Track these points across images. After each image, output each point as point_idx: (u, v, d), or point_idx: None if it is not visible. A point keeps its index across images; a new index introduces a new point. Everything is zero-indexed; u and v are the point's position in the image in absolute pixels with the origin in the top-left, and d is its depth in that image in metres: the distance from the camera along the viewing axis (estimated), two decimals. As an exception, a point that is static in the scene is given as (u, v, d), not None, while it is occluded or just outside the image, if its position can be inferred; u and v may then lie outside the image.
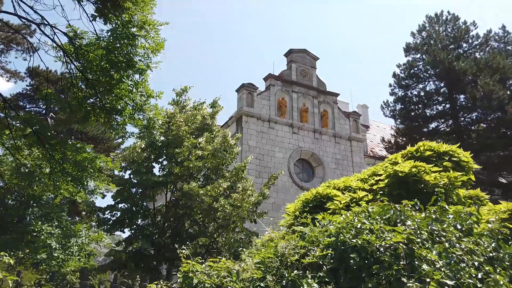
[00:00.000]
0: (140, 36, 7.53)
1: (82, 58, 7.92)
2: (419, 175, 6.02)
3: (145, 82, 8.11)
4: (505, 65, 24.56)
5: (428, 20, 29.32)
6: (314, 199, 6.96)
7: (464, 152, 6.74)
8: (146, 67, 7.82)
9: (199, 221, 11.10)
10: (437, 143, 7.43)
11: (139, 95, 8.21)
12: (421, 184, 5.95)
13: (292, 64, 23.01)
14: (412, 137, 27.48)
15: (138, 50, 7.66)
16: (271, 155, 20.59)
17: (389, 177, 6.36)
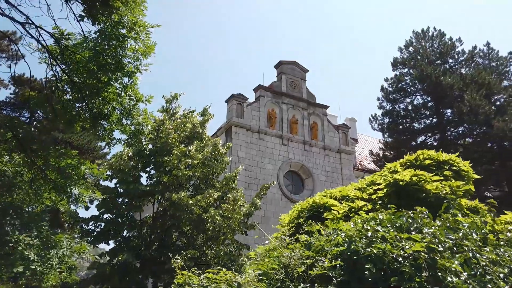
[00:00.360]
0: (130, 38, 7.23)
1: (69, 59, 7.57)
2: (420, 184, 5.83)
3: (134, 86, 7.79)
4: (490, 80, 25.02)
5: (415, 36, 29.83)
6: (310, 208, 6.69)
7: (463, 161, 6.61)
8: (136, 69, 7.51)
9: (187, 233, 10.67)
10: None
11: (128, 99, 7.87)
12: (422, 194, 5.76)
13: (282, 76, 22.97)
14: (400, 151, 27.64)
15: (128, 52, 7.36)
16: (260, 166, 20.31)
17: (389, 186, 6.15)
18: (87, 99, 7.92)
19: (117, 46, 7.18)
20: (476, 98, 23.63)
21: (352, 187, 7.06)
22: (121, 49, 7.21)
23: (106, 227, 10.88)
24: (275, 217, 19.71)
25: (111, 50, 7.19)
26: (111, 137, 8.48)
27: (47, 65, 8.12)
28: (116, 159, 10.89)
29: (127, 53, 7.33)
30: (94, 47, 7.23)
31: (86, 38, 7.21)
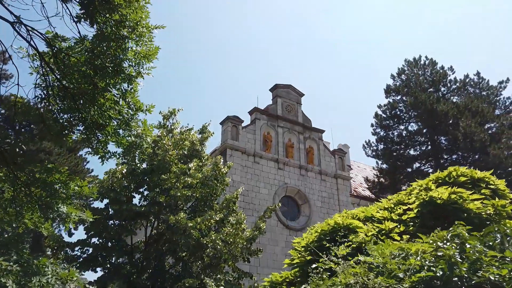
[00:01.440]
0: (131, 39, 6.61)
1: (62, 63, 6.88)
2: (459, 202, 5.21)
3: (134, 92, 7.11)
4: (483, 108, 25.15)
5: (407, 64, 30.17)
6: (332, 231, 5.98)
7: (499, 180, 6.06)
8: (137, 73, 6.85)
9: (184, 259, 9.73)
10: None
11: (126, 107, 7.17)
12: (463, 213, 5.13)
13: (278, 99, 22.63)
14: (396, 177, 27.31)
15: (128, 55, 6.73)
16: (256, 191, 19.53)
17: (422, 205, 5.51)
18: (80, 107, 7.20)
19: (117, 48, 6.56)
20: (472, 125, 23.62)
21: (376, 207, 6.41)
22: (121, 51, 6.59)
23: (94, 253, 9.86)
24: (270, 244, 18.76)
25: (110, 52, 6.54)
26: (105, 150, 7.71)
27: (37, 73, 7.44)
28: (108, 177, 10.03)
29: (128, 56, 6.71)
30: (91, 49, 6.60)
31: (83, 39, 6.58)
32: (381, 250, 3.22)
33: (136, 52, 6.71)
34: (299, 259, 6.04)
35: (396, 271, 2.64)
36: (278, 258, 18.66)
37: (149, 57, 6.74)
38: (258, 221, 10.04)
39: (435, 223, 5.33)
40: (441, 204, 5.24)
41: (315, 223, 20.97)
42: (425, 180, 6.05)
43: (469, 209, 5.09)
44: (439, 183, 5.99)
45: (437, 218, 5.23)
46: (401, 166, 27.22)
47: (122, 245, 10.18)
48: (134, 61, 6.77)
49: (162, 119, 11.56)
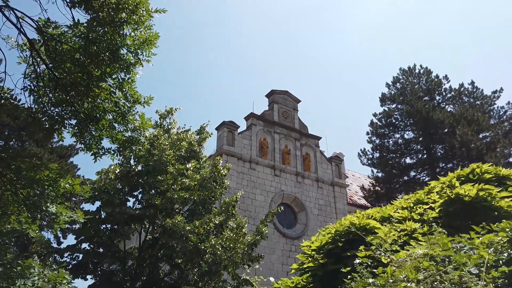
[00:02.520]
0: (129, 23, 6.13)
1: (53, 51, 6.37)
2: (489, 200, 4.80)
3: (132, 83, 6.62)
4: (479, 117, 25.13)
5: (402, 73, 30.17)
6: (348, 232, 5.51)
7: (525, 177, 5.70)
8: (136, 60, 6.36)
9: (181, 266, 9.14)
10: (414, 192, 6.49)
11: (123, 98, 6.67)
12: (493, 212, 4.72)
13: (274, 105, 22.28)
14: (391, 186, 27.05)
15: (127, 41, 6.26)
16: (252, 197, 18.99)
17: (447, 203, 5.09)
18: (73, 100, 6.68)
19: (114, 33, 6.09)
20: (468, 133, 23.53)
21: (392, 207, 5.97)
22: (118, 37, 6.12)
23: (85, 259, 9.22)
24: (267, 252, 18.15)
25: (106, 37, 6.06)
26: (99, 146, 7.18)
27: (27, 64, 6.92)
28: (100, 177, 9.45)
29: (126, 42, 6.25)
30: (85, 34, 6.11)
31: (77, 23, 6.09)
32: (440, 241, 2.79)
33: (135, 38, 6.25)
34: (312, 262, 5.54)
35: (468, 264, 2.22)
36: (275, 267, 18.09)
37: (149, 43, 6.30)
38: (260, 226, 9.52)
39: (461, 222, 4.92)
40: (468, 202, 4.83)
41: (312, 231, 20.49)
42: (448, 177, 5.65)
43: (500, 207, 4.69)
44: (462, 181, 5.60)
45: (465, 218, 4.80)
46: (397, 174, 27.01)
47: (115, 251, 9.56)
48: (133, 47, 6.32)
49: (158, 118, 11.05)
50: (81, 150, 7.28)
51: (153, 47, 6.53)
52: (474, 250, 2.44)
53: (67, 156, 23.64)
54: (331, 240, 5.52)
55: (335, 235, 5.51)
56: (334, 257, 5.26)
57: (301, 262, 6.17)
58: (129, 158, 10.03)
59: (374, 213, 5.91)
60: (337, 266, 5.06)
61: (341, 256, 5.23)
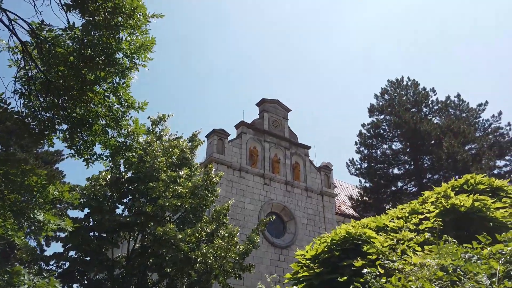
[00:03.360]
0: (126, 27, 6.07)
1: (47, 54, 6.25)
2: (484, 210, 4.84)
3: (126, 88, 6.53)
4: (465, 130, 25.56)
5: (390, 84, 30.58)
6: (344, 240, 5.49)
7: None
8: (132, 65, 6.28)
9: (170, 274, 8.96)
10: (403, 202, 6.56)
11: (117, 103, 6.57)
12: (489, 222, 4.76)
13: (265, 114, 22.33)
14: (379, 196, 27.23)
15: (123, 45, 6.18)
16: (241, 206, 18.88)
17: (443, 213, 5.12)
18: (65, 104, 6.54)
19: (109, 37, 6.01)
20: (454, 145, 23.89)
21: (388, 216, 5.98)
22: (114, 41, 6.04)
23: (72, 267, 8.97)
24: (255, 262, 17.95)
25: (101, 41, 5.97)
26: (91, 152, 7.03)
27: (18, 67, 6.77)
28: (90, 184, 9.25)
29: (122, 46, 6.17)
30: (80, 38, 6.01)
31: (72, 26, 6.00)
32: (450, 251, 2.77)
33: (131, 42, 6.19)
34: (307, 272, 5.49)
35: (480, 275, 2.20)
36: (263, 277, 17.88)
37: (145, 48, 6.24)
38: (251, 234, 9.43)
39: (457, 232, 4.95)
40: (464, 213, 4.87)
41: (301, 241, 20.40)
42: (443, 187, 5.70)
43: (495, 217, 4.74)
44: (456, 191, 5.65)
45: (461, 228, 4.83)
46: (385, 184, 27.21)
47: (102, 259, 9.33)
48: (129, 51, 6.25)
49: (151, 124, 10.92)
50: (72, 156, 7.14)
51: (149, 52, 6.49)
52: (481, 260, 2.44)
53: (53, 162, 23.19)
54: (327, 249, 5.48)
55: (331, 244, 5.48)
56: (330, 266, 5.22)
57: (295, 271, 6.10)
58: (119, 164, 9.87)
59: (369, 223, 5.91)
60: (333, 276, 5.02)
61: (337, 265, 5.19)
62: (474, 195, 5.14)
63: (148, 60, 6.55)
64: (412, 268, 2.75)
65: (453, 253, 2.75)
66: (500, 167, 25.80)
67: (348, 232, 5.48)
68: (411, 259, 3.81)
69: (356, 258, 4.97)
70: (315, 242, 6.13)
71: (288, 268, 18.17)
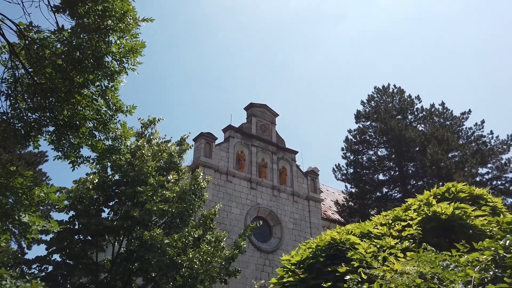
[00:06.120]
0: (116, 31, 6.07)
1: (35, 56, 6.21)
2: (464, 218, 5.00)
3: (115, 91, 6.52)
4: (448, 137, 26.07)
5: (376, 91, 31.03)
6: (329, 246, 5.58)
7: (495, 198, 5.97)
8: (121, 68, 6.28)
9: (156, 279, 8.91)
10: (388, 208, 6.72)
11: (105, 106, 6.55)
12: (468, 230, 4.91)
13: (253, 118, 22.41)
14: (364, 202, 27.53)
15: (112, 48, 6.18)
16: (227, 210, 18.87)
17: (424, 221, 5.26)
18: (52, 106, 6.50)
19: (99, 40, 6.00)
20: (438, 152, 24.34)
21: (372, 223, 6.10)
22: (103, 44, 6.04)
23: (55, 271, 8.84)
24: (241, 266, 17.98)
25: (91, 44, 5.96)
26: (77, 154, 6.98)
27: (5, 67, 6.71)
28: (76, 187, 9.15)
29: (111, 49, 6.17)
30: (69, 40, 5.99)
31: (61, 29, 5.98)
32: (429, 259, 2.87)
33: (121, 46, 6.20)
34: (292, 277, 5.56)
35: (456, 282, 2.30)
36: (248, 282, 17.92)
37: (135, 51, 6.26)
38: (238, 239, 9.45)
39: (439, 240, 5.09)
40: (445, 220, 5.01)
41: (286, 245, 20.47)
42: (425, 195, 5.85)
43: (474, 225, 4.89)
44: (438, 199, 5.80)
45: (442, 235, 4.97)
46: (370, 190, 27.53)
47: (87, 263, 9.23)
48: (118, 55, 6.25)
49: (140, 127, 10.86)
50: (58, 158, 7.08)
51: (138, 55, 6.50)
52: (458, 268, 2.55)
53: (36, 164, 22.81)
54: (312, 254, 5.56)
55: (316, 250, 5.56)
56: (315, 272, 5.30)
57: (280, 276, 6.16)
58: (106, 167, 9.80)
59: (354, 229, 6.02)
60: (318, 281, 5.10)
61: (321, 271, 5.27)
62: (455, 203, 5.29)
63: (138, 64, 6.58)
64: (393, 275, 2.83)
65: (432, 261, 2.86)
66: (482, 174, 26.36)
67: (333, 238, 5.58)
68: (393, 266, 3.92)
69: (340, 264, 5.06)
70: (300, 247, 6.21)
71: (273, 273, 18.20)
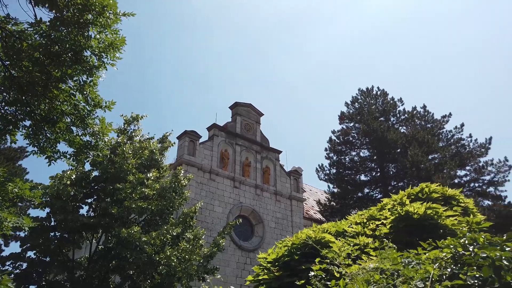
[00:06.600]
0: (96, 25, 5.99)
1: (12, 48, 6.08)
2: (435, 218, 5.13)
3: (94, 86, 6.43)
4: (429, 140, 26.58)
5: (360, 93, 31.41)
6: (304, 245, 5.65)
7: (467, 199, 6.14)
8: (100, 63, 6.20)
9: (133, 277, 8.84)
10: (367, 208, 6.88)
11: (83, 101, 6.46)
12: (439, 229, 5.04)
13: (237, 117, 22.42)
14: (346, 202, 27.87)
15: (92, 43, 6.09)
16: (210, 209, 18.84)
17: (398, 220, 5.38)
18: (29, 100, 6.38)
19: (78, 34, 5.91)
20: (419, 154, 24.79)
21: (347, 222, 6.20)
22: (83, 38, 5.95)
23: (30, 268, 8.67)
24: (222, 265, 17.99)
25: (70, 38, 5.87)
26: (54, 149, 6.87)
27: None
28: (53, 183, 8.98)
29: (90, 44, 6.07)
30: (47, 33, 5.89)
31: (39, 21, 5.87)
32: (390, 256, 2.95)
33: (100, 41, 6.12)
34: (267, 275, 5.61)
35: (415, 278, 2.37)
36: (229, 280, 17.94)
37: (115, 46, 6.19)
38: (217, 237, 9.46)
39: (410, 239, 5.20)
40: (417, 220, 5.13)
41: (268, 244, 20.56)
42: (399, 195, 5.97)
43: (445, 225, 5.02)
44: (412, 199, 5.94)
45: (413, 234, 5.09)
46: (352, 190, 27.88)
47: (62, 260, 9.08)
48: (98, 49, 6.18)
49: (123, 124, 10.72)
50: (34, 153, 6.95)
51: (118, 51, 6.43)
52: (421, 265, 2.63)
53: (16, 159, 22.32)
54: (287, 253, 5.62)
55: (291, 248, 5.63)
56: (289, 269, 5.36)
57: (256, 274, 6.21)
58: (84, 163, 9.66)
59: (329, 228, 6.11)
60: (292, 279, 5.16)
61: (296, 269, 5.33)
62: (427, 203, 5.42)
63: (117, 60, 6.51)
64: (352, 271, 2.91)
65: (394, 258, 2.94)
66: (461, 176, 26.97)
67: (309, 237, 5.65)
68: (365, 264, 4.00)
69: (314, 262, 5.13)
70: (277, 245, 6.26)
71: (254, 272, 18.28)
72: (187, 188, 17.70)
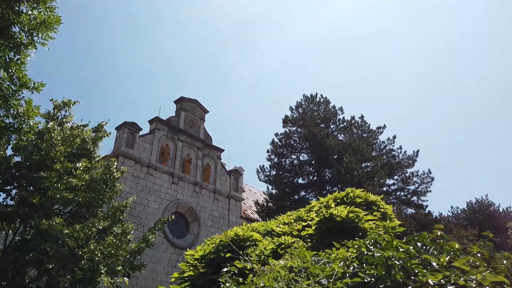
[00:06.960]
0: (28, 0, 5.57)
1: None
2: (356, 221, 5.44)
3: (21, 65, 5.96)
4: (363, 148, 28.11)
5: (305, 99, 32.43)
6: (232, 243, 5.70)
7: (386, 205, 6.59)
8: (30, 42, 5.76)
9: (52, 271, 8.31)
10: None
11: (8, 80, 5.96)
12: (359, 232, 5.36)
13: (182, 112, 22.03)
14: (283, 203, 28.59)
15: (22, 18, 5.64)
16: (145, 204, 18.30)
17: (322, 222, 5.63)
18: None
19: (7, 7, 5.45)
20: (353, 161, 26.11)
21: (276, 222, 6.37)
22: (12, 12, 5.49)
23: None
24: (152, 262, 17.58)
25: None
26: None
27: None
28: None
29: (20, 19, 5.62)
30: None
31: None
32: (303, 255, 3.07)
33: (32, 17, 5.71)
34: (193, 272, 5.58)
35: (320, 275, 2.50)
36: (159, 277, 17.56)
37: (48, 25, 5.80)
38: (147, 233, 9.20)
39: (332, 239, 5.46)
40: (339, 222, 5.41)
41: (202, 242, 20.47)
42: (326, 198, 6.26)
43: (364, 228, 5.35)
44: (337, 203, 6.24)
45: (334, 236, 5.35)
46: (289, 193, 28.67)
47: (-27, 252, 8.30)
48: (28, 26, 5.75)
49: (52, 108, 10.00)
50: None
51: (52, 31, 6.03)
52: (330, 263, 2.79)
53: None
54: (214, 250, 5.64)
55: (219, 245, 5.65)
56: (215, 266, 5.38)
57: (183, 271, 6.16)
58: (6, 148, 8.92)
59: (258, 227, 6.23)
60: (216, 276, 5.18)
61: (222, 266, 5.37)
62: (350, 207, 5.74)
63: (49, 39, 6.11)
64: (259, 267, 3.02)
65: (303, 256, 3.09)
66: (389, 185, 28.87)
67: (237, 234, 5.72)
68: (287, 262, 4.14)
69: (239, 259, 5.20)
70: (205, 242, 6.26)
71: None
72: (121, 181, 17.04)
